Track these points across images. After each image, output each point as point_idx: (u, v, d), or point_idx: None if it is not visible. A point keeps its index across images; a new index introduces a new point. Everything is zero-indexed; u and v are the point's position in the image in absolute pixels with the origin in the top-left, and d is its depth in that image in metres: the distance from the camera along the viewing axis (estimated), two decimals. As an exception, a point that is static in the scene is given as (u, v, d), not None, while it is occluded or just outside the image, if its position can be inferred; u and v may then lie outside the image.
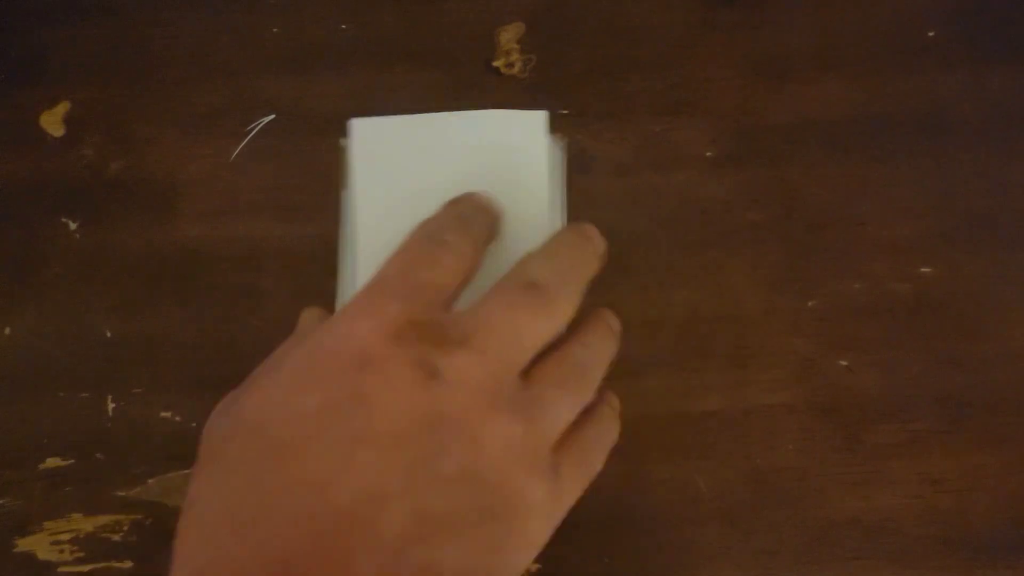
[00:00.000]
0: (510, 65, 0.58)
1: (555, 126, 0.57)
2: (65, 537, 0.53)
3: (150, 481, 0.54)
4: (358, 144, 0.45)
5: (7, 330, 0.56)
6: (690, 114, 0.57)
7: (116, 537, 0.53)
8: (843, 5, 0.58)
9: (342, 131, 0.48)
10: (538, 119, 0.45)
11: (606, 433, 0.38)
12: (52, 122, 0.58)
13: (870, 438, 0.53)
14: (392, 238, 0.43)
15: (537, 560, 0.52)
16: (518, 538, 0.32)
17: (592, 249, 0.38)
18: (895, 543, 0.52)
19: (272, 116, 0.58)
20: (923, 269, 0.54)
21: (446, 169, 0.45)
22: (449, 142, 0.45)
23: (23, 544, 0.53)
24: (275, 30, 0.59)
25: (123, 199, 0.57)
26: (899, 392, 0.53)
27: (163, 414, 0.54)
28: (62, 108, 0.58)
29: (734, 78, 0.57)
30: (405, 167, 0.45)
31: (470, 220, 0.38)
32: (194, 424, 0.54)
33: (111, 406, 0.54)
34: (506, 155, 0.44)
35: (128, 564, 0.53)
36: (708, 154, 0.56)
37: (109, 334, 0.55)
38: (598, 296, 0.57)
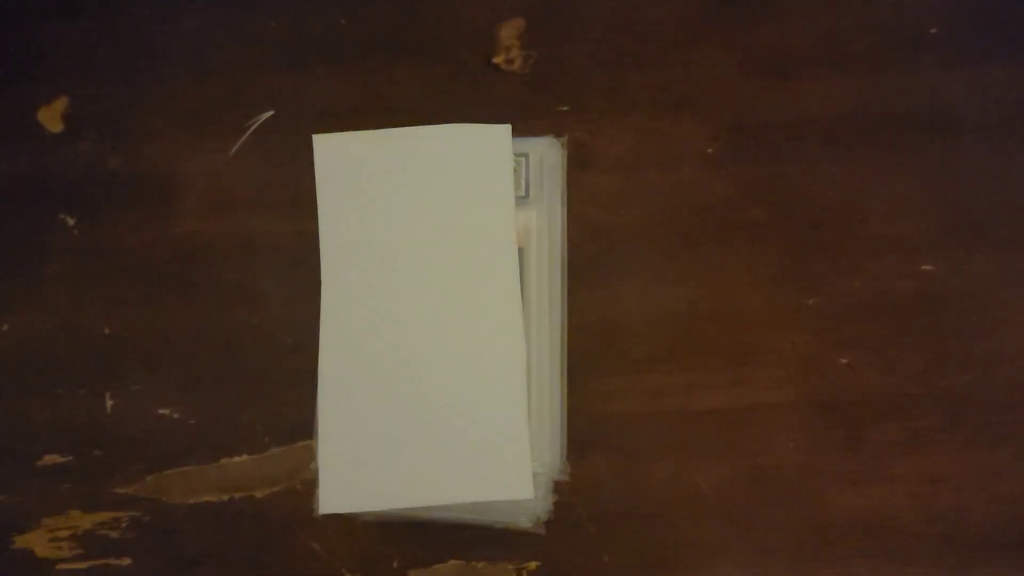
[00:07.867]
0: (510, 61, 0.58)
1: (555, 123, 0.58)
2: (63, 534, 0.53)
3: (148, 478, 0.53)
4: (321, 159, 0.46)
5: (5, 326, 0.56)
6: (691, 111, 0.57)
7: (114, 534, 0.53)
8: (844, 1, 0.58)
9: (342, 128, 0.48)
10: (502, 133, 0.45)
11: None
12: (50, 117, 0.58)
13: (870, 436, 0.52)
14: (354, 249, 0.44)
15: (537, 558, 0.52)
16: None
17: None
18: (895, 541, 0.52)
19: (271, 112, 0.57)
20: (924, 267, 0.54)
21: (412, 182, 0.45)
22: (414, 156, 0.46)
23: (21, 541, 0.53)
24: (273, 25, 0.59)
25: (121, 195, 0.57)
26: (899, 390, 0.53)
27: (161, 411, 0.54)
28: (60, 104, 0.58)
29: (735, 75, 0.57)
30: (370, 181, 0.45)
31: None
32: (192, 421, 0.54)
33: (109, 403, 0.54)
34: (471, 168, 0.45)
35: (127, 561, 0.53)
36: (709, 151, 0.56)
37: (107, 331, 0.55)
38: (599, 295, 0.57)
